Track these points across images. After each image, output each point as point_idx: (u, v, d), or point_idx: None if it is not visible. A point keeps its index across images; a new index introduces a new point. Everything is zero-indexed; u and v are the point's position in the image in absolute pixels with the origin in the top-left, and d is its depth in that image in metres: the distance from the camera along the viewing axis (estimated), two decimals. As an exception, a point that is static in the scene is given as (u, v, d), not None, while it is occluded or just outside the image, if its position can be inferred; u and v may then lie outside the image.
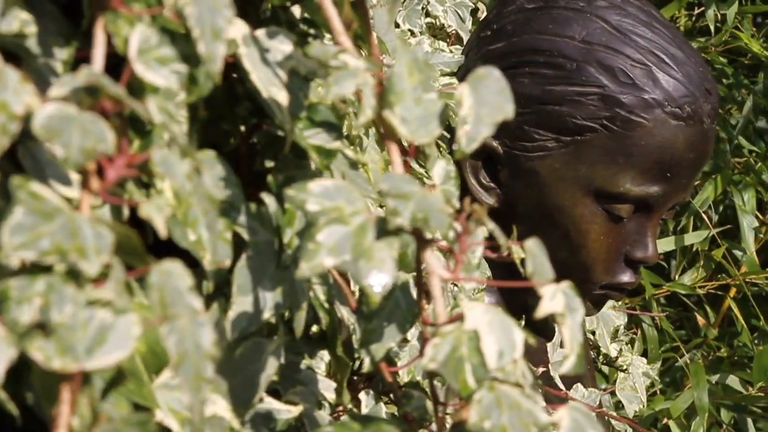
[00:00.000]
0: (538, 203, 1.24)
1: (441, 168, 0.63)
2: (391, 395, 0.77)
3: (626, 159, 1.20)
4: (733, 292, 2.10)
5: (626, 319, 1.42)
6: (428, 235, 0.58)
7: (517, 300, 1.31)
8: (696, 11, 2.49)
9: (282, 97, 0.59)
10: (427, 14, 1.59)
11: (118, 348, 0.48)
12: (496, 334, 0.54)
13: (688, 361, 1.99)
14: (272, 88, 0.60)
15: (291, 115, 0.62)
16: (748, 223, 2.03)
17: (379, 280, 0.54)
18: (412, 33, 1.49)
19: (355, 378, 0.78)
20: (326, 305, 0.69)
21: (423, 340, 0.55)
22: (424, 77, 0.57)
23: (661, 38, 1.22)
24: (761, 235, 2.13)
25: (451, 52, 1.29)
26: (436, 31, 1.59)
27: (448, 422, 0.56)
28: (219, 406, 0.60)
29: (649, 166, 1.21)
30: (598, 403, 1.15)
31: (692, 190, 1.29)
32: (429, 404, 0.66)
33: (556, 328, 1.41)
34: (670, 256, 2.15)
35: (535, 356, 1.30)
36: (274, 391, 0.75)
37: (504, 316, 0.55)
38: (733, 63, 2.58)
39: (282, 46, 0.61)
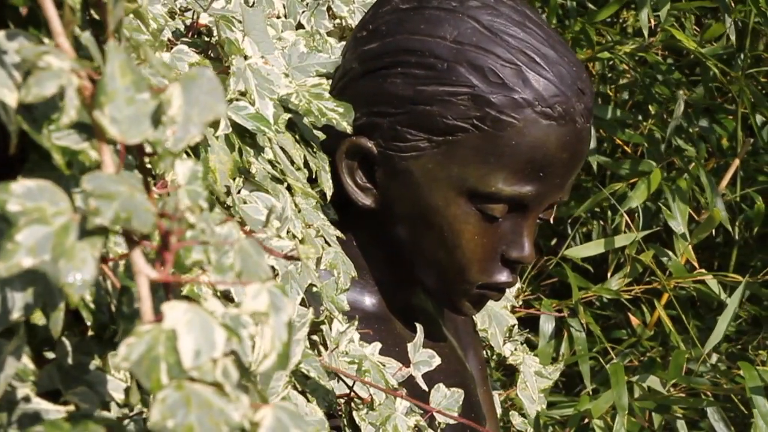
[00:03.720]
0: (413, 203, 1.24)
1: (187, 168, 0.63)
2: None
3: (497, 159, 1.20)
4: (665, 297, 2.10)
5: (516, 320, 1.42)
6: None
7: (400, 298, 1.32)
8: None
9: (10, 98, 0.60)
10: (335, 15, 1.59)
11: None
12: (195, 333, 0.54)
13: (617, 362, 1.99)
14: (3, 89, 0.60)
15: (42, 116, 0.63)
16: (675, 226, 2.02)
17: (78, 279, 0.54)
18: (319, 34, 1.49)
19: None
20: (92, 305, 0.69)
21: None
22: (137, 77, 0.57)
23: (533, 38, 1.22)
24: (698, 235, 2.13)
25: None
26: (346, 32, 1.59)
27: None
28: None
29: (521, 166, 1.21)
30: (461, 402, 1.15)
31: (570, 190, 1.28)
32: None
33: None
34: (603, 259, 2.15)
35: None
36: (56, 391, 0.75)
37: (206, 317, 0.55)
38: (678, 62, 2.57)
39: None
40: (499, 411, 1.56)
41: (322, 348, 1.01)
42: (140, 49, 0.61)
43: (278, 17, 1.47)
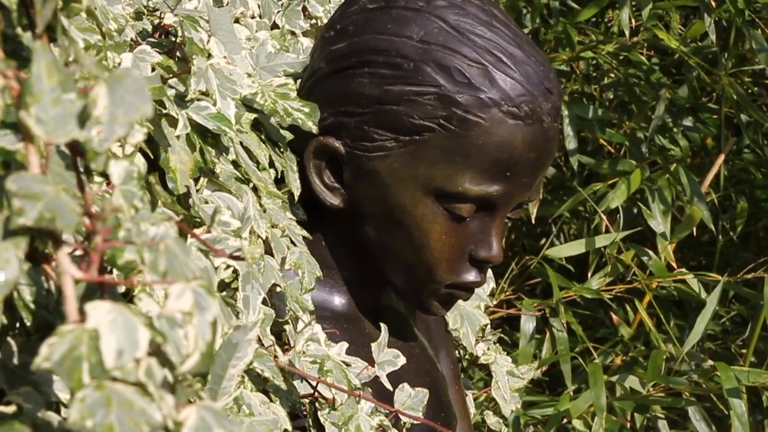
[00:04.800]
0: (381, 203, 1.24)
1: (121, 168, 0.63)
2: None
3: (464, 158, 1.20)
4: (648, 297, 2.10)
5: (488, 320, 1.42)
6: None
7: (369, 297, 1.32)
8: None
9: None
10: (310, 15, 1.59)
11: None
12: (118, 333, 0.54)
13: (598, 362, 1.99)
14: (-65, 89, 0.60)
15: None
16: (655, 226, 2.02)
17: (1, 279, 0.54)
18: (293, 34, 1.49)
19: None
20: (32, 306, 0.69)
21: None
22: (64, 77, 0.57)
23: (500, 38, 1.22)
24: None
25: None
26: (322, 32, 1.59)
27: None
28: None
29: (487, 166, 1.21)
30: (425, 401, 1.15)
31: (539, 189, 1.28)
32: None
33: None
34: (584, 258, 2.15)
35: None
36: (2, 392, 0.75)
37: (130, 317, 0.55)
38: (664, 61, 2.57)
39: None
40: (473, 411, 1.56)
41: (278, 348, 1.01)
42: (71, 49, 0.61)
43: (253, 17, 1.47)
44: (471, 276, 1.26)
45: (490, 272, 1.55)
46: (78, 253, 0.58)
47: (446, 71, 1.20)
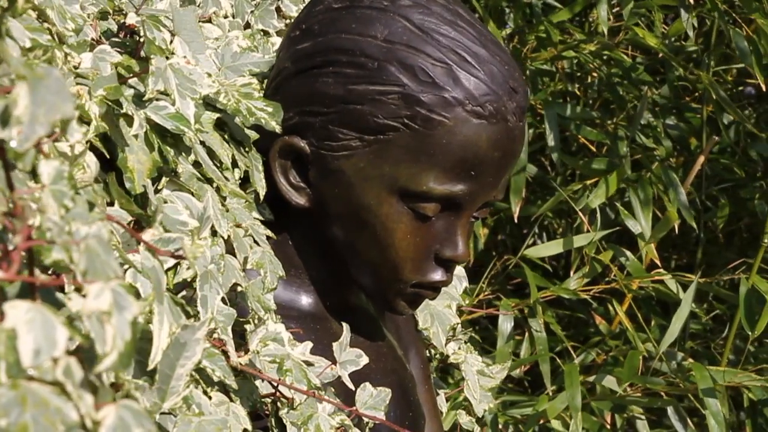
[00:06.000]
0: (346, 203, 1.24)
1: (51, 168, 0.63)
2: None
3: (428, 158, 1.20)
4: (629, 297, 2.10)
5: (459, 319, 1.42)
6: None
7: (337, 297, 1.31)
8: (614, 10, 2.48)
9: None
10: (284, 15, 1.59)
11: None
12: (36, 332, 0.54)
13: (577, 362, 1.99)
14: None
15: None
16: (632, 226, 2.02)
17: None
18: (266, 33, 1.49)
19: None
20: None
21: None
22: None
23: (465, 37, 1.22)
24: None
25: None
26: (297, 32, 1.59)
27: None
28: None
29: (451, 165, 1.21)
30: (387, 401, 1.14)
31: (505, 188, 1.28)
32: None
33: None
34: (561, 258, 2.15)
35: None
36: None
37: (49, 315, 0.55)
38: (649, 60, 2.57)
39: None
40: (444, 410, 1.56)
41: (231, 347, 1.01)
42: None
43: (226, 17, 1.47)
44: (437, 275, 1.26)
45: (463, 272, 1.55)
46: (-1, 252, 0.58)
47: (410, 70, 1.20)
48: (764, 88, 1.94)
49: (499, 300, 2.09)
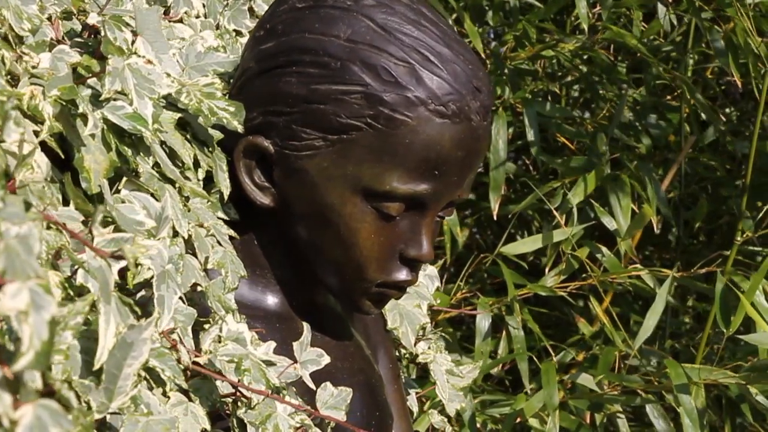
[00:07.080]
0: (310, 202, 1.24)
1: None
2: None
3: (392, 157, 1.20)
4: (609, 294, 2.10)
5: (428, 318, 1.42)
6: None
7: (303, 297, 1.31)
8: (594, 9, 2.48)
9: None
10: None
11: None
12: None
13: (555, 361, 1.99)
14: None
15: None
16: (607, 223, 2.02)
17: None
18: (239, 33, 1.49)
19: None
20: None
21: None
22: None
23: (428, 36, 1.22)
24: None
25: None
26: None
27: None
28: None
29: (415, 165, 1.21)
30: (348, 400, 1.14)
31: (471, 187, 1.28)
32: None
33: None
34: (543, 256, 2.15)
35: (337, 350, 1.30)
36: None
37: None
38: (631, 59, 2.57)
39: None
40: (415, 409, 1.56)
41: (183, 347, 1.01)
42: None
43: (198, 17, 1.46)
44: (402, 275, 1.26)
45: (435, 271, 1.55)
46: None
47: (373, 70, 1.20)
48: (740, 86, 1.94)
49: (477, 298, 2.09)
